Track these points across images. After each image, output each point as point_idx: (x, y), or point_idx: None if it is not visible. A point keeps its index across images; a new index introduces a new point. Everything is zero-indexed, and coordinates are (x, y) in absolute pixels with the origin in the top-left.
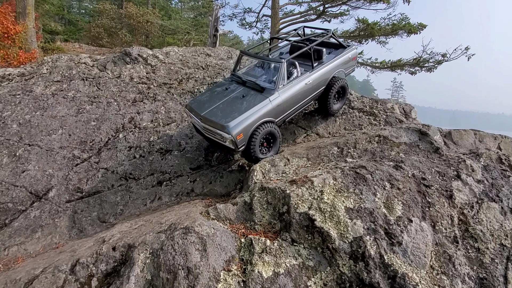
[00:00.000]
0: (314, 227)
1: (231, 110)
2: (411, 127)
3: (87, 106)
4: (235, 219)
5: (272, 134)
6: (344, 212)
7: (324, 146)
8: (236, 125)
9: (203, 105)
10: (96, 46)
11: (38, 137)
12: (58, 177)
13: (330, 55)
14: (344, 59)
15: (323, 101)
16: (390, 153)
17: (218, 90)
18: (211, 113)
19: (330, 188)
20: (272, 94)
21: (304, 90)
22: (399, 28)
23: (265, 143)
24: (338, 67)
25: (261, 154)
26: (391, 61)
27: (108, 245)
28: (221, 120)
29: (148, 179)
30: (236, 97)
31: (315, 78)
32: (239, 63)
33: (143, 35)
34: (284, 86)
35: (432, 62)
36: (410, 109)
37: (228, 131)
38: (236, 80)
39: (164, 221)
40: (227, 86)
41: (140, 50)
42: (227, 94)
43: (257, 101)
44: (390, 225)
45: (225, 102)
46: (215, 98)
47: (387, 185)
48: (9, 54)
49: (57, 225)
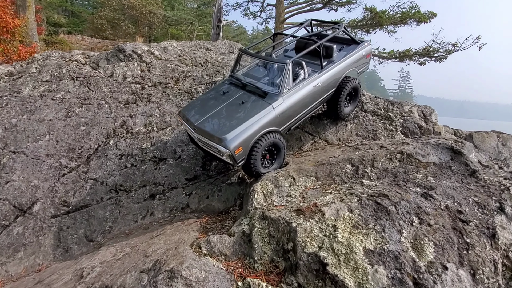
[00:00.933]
0: (326, 272)
1: (229, 119)
2: (441, 143)
3: (77, 109)
4: (232, 254)
5: (276, 145)
6: (363, 256)
7: (335, 162)
8: (234, 138)
9: (197, 113)
10: (99, 38)
11: (24, 143)
12: (43, 188)
13: (341, 52)
14: (357, 57)
15: (332, 104)
16: (416, 175)
17: (214, 94)
18: (206, 123)
19: (345, 223)
20: (276, 100)
21: (312, 94)
22: (409, 16)
23: (268, 155)
24: (351, 66)
25: (263, 168)
26: (399, 51)
27: (84, 286)
28: (217, 132)
29: (140, 191)
30: (235, 104)
31: (325, 79)
32: (238, 63)
33: (146, 26)
34: (289, 91)
35: (442, 52)
36: (430, 112)
37: (225, 145)
38: (235, 82)
39: (151, 252)
40: (225, 90)
41: (134, 46)
42: (224, 99)
43: (259, 109)
44: (420, 273)
45: (222, 109)
46: (210, 105)
47: (415, 220)
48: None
49: (41, 244)
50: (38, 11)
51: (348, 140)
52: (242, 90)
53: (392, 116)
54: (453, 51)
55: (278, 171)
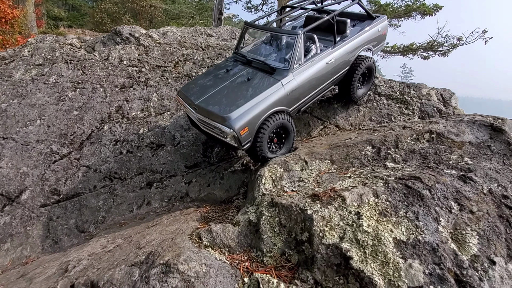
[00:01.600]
0: (349, 268)
1: (234, 97)
2: (478, 120)
3: (70, 93)
4: (236, 246)
5: (285, 128)
6: (393, 248)
7: (353, 144)
8: (239, 117)
9: (198, 91)
10: (100, 32)
11: (13, 128)
12: (33, 176)
13: (355, 28)
14: (372, 33)
15: (345, 85)
16: (449, 156)
17: (217, 72)
18: (208, 101)
19: (371, 209)
20: (285, 76)
21: (325, 71)
22: (413, 9)
23: (276, 138)
24: (365, 43)
25: (270, 152)
26: (403, 45)
27: (67, 281)
28: (221, 111)
29: (136, 179)
30: (240, 81)
31: (339, 56)
32: (243, 39)
33: (147, 20)
34: (300, 66)
35: (446, 46)
36: (450, 95)
37: (229, 125)
38: (240, 59)
39: (144, 243)
40: (229, 67)
41: (132, 29)
42: (228, 77)
43: (266, 86)
44: (464, 269)
45: (226, 87)
46: (213, 83)
47: (454, 207)
48: (8, 39)
49: (29, 235)
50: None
51: (361, 125)
52: (248, 66)
53: (409, 99)
54: (458, 45)
55: (288, 155)
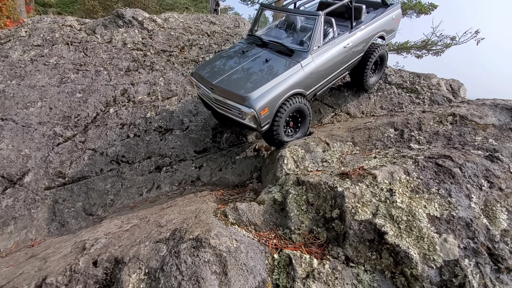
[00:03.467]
0: (383, 243)
1: (252, 78)
2: (500, 103)
3: (72, 75)
4: (262, 224)
5: (301, 111)
6: (427, 223)
7: (374, 127)
8: (259, 97)
9: (214, 71)
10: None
11: (13, 110)
12: (36, 158)
13: (370, 14)
14: (386, 20)
15: (357, 73)
16: (474, 138)
17: (232, 53)
18: (226, 81)
19: (403, 186)
20: (305, 58)
21: (342, 56)
22: (409, 8)
23: (292, 122)
24: (380, 30)
25: (286, 136)
26: (397, 43)
27: (88, 258)
28: (241, 91)
29: (145, 163)
30: (258, 62)
31: (356, 40)
32: (258, 22)
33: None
34: (319, 49)
35: (440, 45)
36: (459, 86)
37: (249, 104)
38: (255, 41)
39: (165, 222)
40: (245, 49)
41: (135, 12)
42: (244, 58)
43: (286, 67)
44: (495, 243)
45: (244, 68)
46: (229, 63)
47: (484, 184)
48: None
49: (33, 217)
50: None
51: (372, 113)
52: (264, 48)
53: (419, 89)
54: (451, 45)
55: (306, 138)
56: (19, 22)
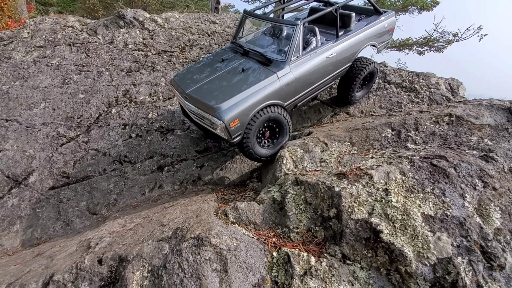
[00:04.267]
0: (378, 241)
1: (226, 88)
2: (496, 104)
3: (74, 76)
4: (262, 223)
5: (278, 122)
6: (422, 222)
7: (372, 127)
8: (230, 108)
9: (191, 80)
10: (91, 19)
11: (17, 111)
12: (40, 159)
13: (361, 22)
14: (377, 29)
15: (344, 87)
16: (469, 138)
17: (211, 61)
18: (200, 90)
19: (398, 186)
20: (282, 68)
21: (325, 66)
22: (411, 4)
23: (268, 132)
24: (370, 39)
25: (261, 148)
26: (399, 40)
27: (93, 256)
28: (211, 101)
29: (147, 163)
30: (234, 72)
31: (340, 50)
32: (241, 28)
33: (141, 8)
34: (298, 59)
35: (442, 41)
36: (458, 85)
37: (219, 116)
38: (237, 49)
39: (167, 222)
40: (225, 57)
41: (135, 13)
42: (222, 66)
43: (261, 77)
44: (488, 241)
45: (219, 77)
46: (207, 72)
47: (478, 184)
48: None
49: (39, 217)
50: None
51: (371, 112)
52: (244, 57)
53: (418, 88)
54: (453, 41)
55: (306, 138)
56: (20, 22)
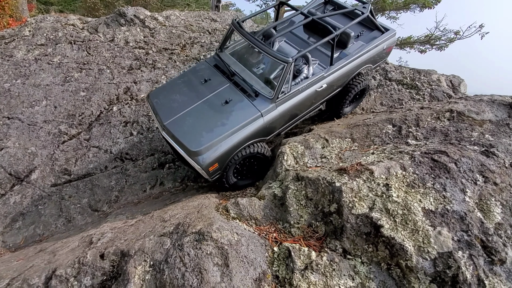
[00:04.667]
0: (379, 236)
1: (206, 124)
2: (497, 99)
3: (76, 74)
4: (263, 219)
5: (257, 159)
6: (422, 216)
7: (373, 123)
8: (210, 153)
9: (169, 105)
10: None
11: (18, 109)
12: (42, 156)
13: (358, 41)
14: (375, 52)
15: (334, 103)
16: (470, 133)
17: (193, 81)
18: (178, 124)
19: (399, 181)
20: (267, 107)
21: (313, 98)
22: (413, 1)
23: (245, 169)
24: (366, 63)
25: (238, 180)
26: (401, 38)
27: (95, 251)
28: (190, 143)
29: (148, 160)
30: (216, 102)
31: (332, 80)
32: (228, 39)
33: (141, 6)
34: (285, 95)
35: (444, 40)
36: (459, 82)
37: (197, 161)
38: (222, 67)
39: (168, 217)
40: (207, 76)
41: (136, 11)
42: (204, 92)
43: (245, 116)
44: (489, 236)
45: (200, 107)
46: (187, 96)
47: (479, 179)
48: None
49: (41, 213)
50: None
51: (372, 109)
52: (228, 81)
53: (419, 85)
54: (455, 39)
55: (306, 134)
56: (22, 20)
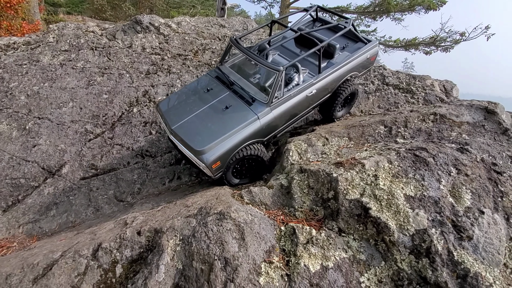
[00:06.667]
0: (368, 216)
1: (209, 127)
2: (475, 104)
3: (98, 78)
4: (272, 204)
5: (255, 159)
6: (404, 201)
7: (367, 124)
8: (212, 152)
9: (176, 112)
10: (100, 19)
11: (47, 110)
12: (71, 152)
13: (344, 52)
14: (359, 60)
15: (326, 107)
16: (450, 133)
17: (197, 90)
18: (184, 128)
19: (385, 173)
20: (262, 110)
21: (304, 103)
22: (417, 3)
23: (244, 168)
24: (352, 71)
25: (237, 178)
26: (405, 40)
27: (132, 229)
28: (195, 144)
29: (166, 157)
30: (218, 108)
31: (321, 87)
32: (228, 53)
33: (147, 8)
34: (279, 100)
35: (449, 41)
36: (452, 86)
37: (202, 159)
38: (222, 78)
39: (191, 204)
40: (209, 86)
41: (151, 18)
42: (207, 99)
43: (243, 119)
44: (459, 217)
45: (203, 113)
46: (192, 104)
47: (452, 171)
48: (13, 25)
49: (72, 203)
50: None
51: (370, 112)
52: (228, 89)
53: (414, 89)
54: (460, 41)
55: (309, 134)
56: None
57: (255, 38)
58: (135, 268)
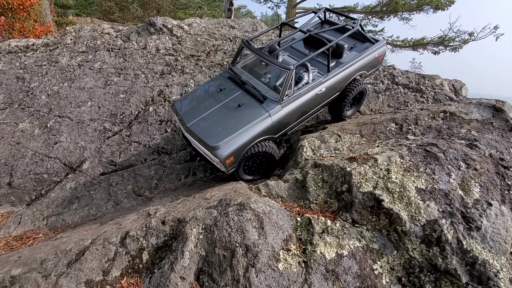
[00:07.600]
0: (380, 208)
1: (222, 124)
2: (483, 102)
3: (115, 78)
4: (287, 197)
5: (267, 156)
6: (415, 193)
7: (379, 122)
8: (226, 147)
9: (190, 111)
10: (108, 21)
11: (67, 108)
12: (90, 149)
13: (352, 52)
14: (368, 59)
15: (334, 106)
16: (459, 130)
17: (211, 90)
18: (199, 125)
19: (397, 167)
20: (274, 108)
21: (314, 101)
22: (425, 3)
23: (257, 162)
24: (360, 70)
25: (246, 175)
26: (413, 39)
27: (157, 219)
28: (209, 139)
29: (181, 153)
30: (230, 106)
31: (330, 85)
32: (239, 55)
33: (154, 9)
34: (289, 97)
35: (457, 41)
36: (461, 86)
37: (216, 154)
38: (234, 78)
39: (209, 196)
40: (222, 86)
41: (164, 20)
42: (220, 98)
43: (255, 116)
44: (468, 208)
45: (217, 111)
46: (206, 103)
47: (462, 165)
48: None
49: (93, 197)
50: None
51: (380, 111)
52: (240, 89)
53: (424, 89)
54: (469, 41)
55: (322, 131)
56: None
57: (266, 38)
58: (161, 255)
